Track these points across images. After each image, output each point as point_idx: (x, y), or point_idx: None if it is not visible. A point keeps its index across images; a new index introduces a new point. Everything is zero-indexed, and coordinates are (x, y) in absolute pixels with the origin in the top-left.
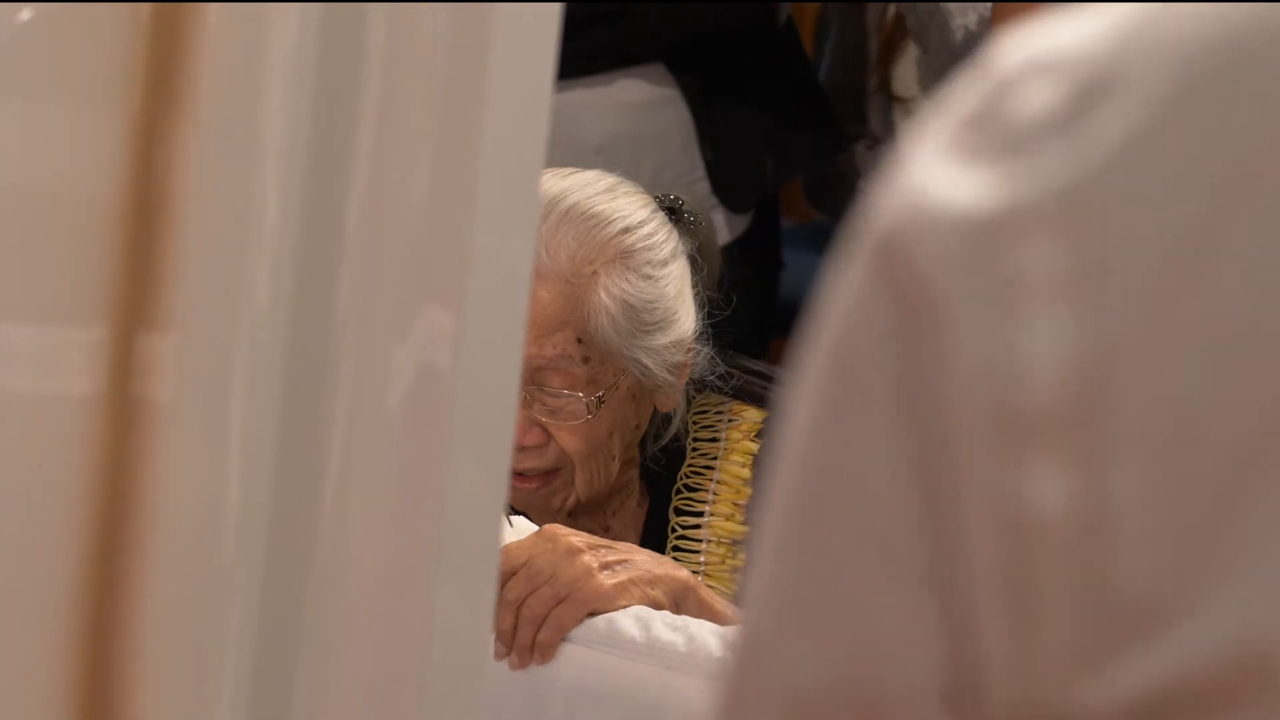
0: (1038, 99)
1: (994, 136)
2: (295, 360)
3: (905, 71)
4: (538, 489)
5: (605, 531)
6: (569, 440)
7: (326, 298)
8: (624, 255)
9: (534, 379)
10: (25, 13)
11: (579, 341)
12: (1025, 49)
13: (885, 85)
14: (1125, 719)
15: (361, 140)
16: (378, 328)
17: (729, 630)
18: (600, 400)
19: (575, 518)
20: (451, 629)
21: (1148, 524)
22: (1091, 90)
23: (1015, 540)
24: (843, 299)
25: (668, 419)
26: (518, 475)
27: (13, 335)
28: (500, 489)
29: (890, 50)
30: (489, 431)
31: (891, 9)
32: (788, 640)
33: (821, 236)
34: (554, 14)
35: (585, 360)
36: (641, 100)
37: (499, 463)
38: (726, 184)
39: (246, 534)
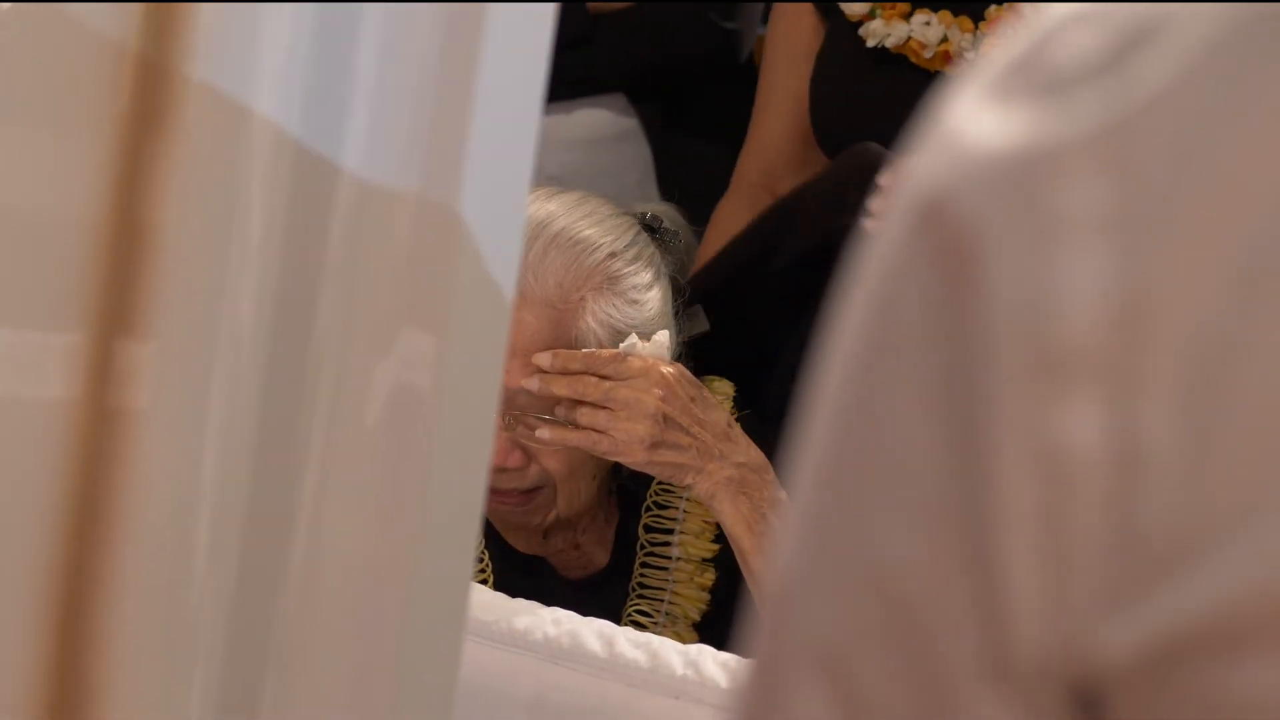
0: (1079, 43)
1: (1034, 79)
2: (274, 373)
3: None
4: (518, 506)
5: (575, 549)
6: (551, 462)
7: (307, 313)
8: (611, 281)
9: (518, 403)
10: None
11: None
12: (1067, 2)
13: None
14: (1154, 658)
15: (347, 159)
16: (357, 346)
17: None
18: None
19: (547, 535)
20: (425, 649)
21: (1179, 460)
22: (1135, 35)
23: (1048, 476)
24: (881, 248)
25: None
26: (499, 493)
27: None
28: (476, 509)
29: None
30: (467, 453)
31: None
32: (819, 589)
33: None
34: (545, 37)
35: None
36: (601, 133)
37: (475, 483)
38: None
39: (219, 543)
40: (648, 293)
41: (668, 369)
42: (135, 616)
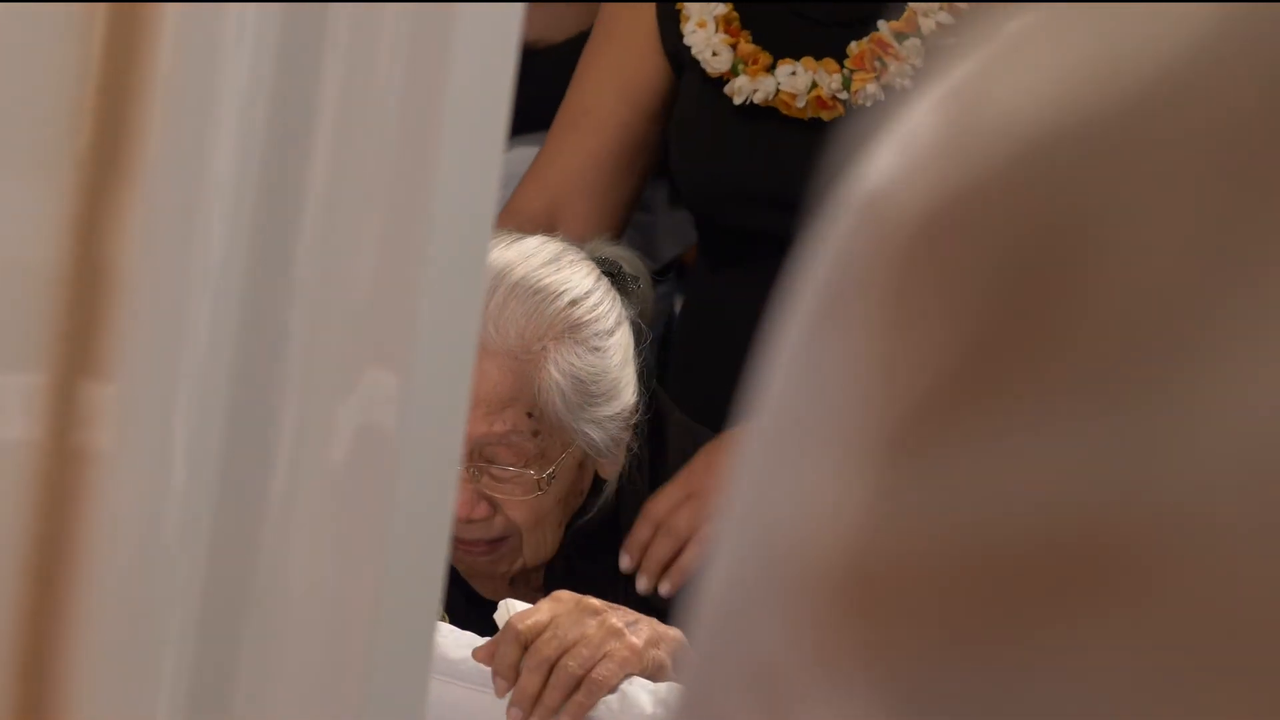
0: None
1: (989, 84)
2: (237, 413)
3: None
4: (484, 555)
5: (539, 592)
6: (517, 513)
7: (270, 352)
8: (572, 329)
9: (483, 455)
10: None
11: (529, 416)
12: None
13: None
14: None
15: (310, 199)
16: (321, 385)
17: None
18: (552, 477)
19: (513, 583)
20: (390, 687)
21: None
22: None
23: None
24: (830, 252)
25: (602, 483)
26: (465, 543)
27: None
28: (442, 547)
29: None
30: (431, 493)
31: None
32: (756, 606)
33: None
34: (507, 76)
35: (535, 434)
36: None
37: (441, 522)
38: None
39: (183, 583)
40: (610, 339)
41: (558, 603)
42: (99, 657)
